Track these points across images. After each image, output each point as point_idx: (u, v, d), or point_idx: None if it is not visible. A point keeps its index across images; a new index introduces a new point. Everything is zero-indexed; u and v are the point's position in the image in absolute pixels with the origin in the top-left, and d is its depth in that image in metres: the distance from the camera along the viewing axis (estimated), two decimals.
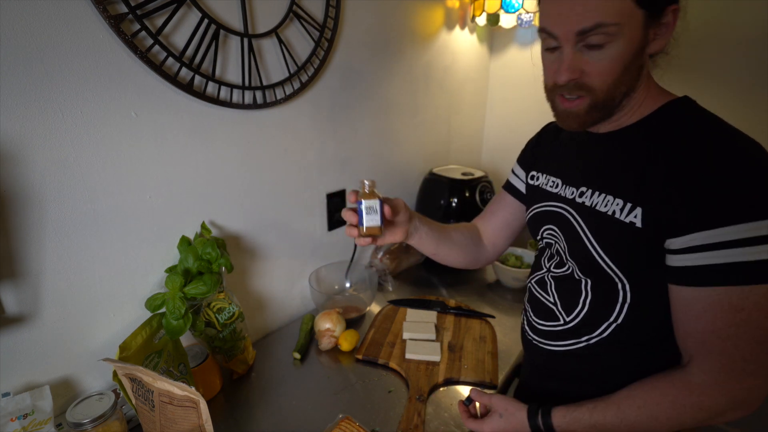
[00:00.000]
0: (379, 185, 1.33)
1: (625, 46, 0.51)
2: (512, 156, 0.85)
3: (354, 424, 0.73)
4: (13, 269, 0.65)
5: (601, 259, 0.61)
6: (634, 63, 0.53)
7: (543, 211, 0.73)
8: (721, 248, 0.49)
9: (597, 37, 0.51)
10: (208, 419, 0.59)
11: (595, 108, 0.56)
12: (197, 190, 0.87)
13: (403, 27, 1.26)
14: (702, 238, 0.50)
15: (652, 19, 0.52)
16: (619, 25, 0.50)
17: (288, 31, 0.94)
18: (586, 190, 0.64)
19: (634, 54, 0.52)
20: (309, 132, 1.06)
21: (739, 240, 0.48)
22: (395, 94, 1.30)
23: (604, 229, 0.60)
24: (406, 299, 1.20)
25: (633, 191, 0.57)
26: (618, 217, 0.58)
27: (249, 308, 1.04)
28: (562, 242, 0.68)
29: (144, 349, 0.71)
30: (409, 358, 0.95)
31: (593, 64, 0.53)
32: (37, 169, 0.65)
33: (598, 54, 0.52)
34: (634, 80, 0.55)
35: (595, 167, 0.64)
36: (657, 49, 0.54)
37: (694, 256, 0.51)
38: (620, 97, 0.56)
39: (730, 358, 0.51)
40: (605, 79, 0.53)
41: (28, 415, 0.65)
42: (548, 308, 0.72)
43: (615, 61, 0.52)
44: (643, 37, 0.52)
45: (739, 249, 0.48)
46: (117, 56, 0.70)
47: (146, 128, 0.76)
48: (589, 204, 0.63)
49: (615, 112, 0.59)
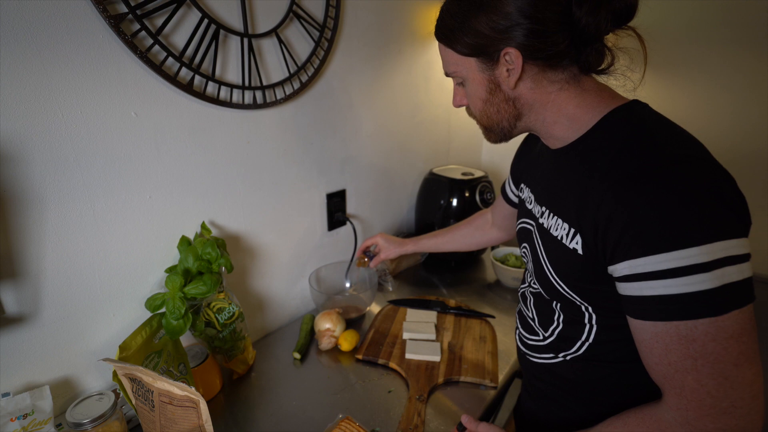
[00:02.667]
0: (379, 185, 1.34)
1: (474, 85, 0.60)
2: (512, 156, 0.85)
3: (354, 424, 0.73)
4: (13, 269, 0.65)
5: (557, 283, 0.61)
6: (492, 98, 0.59)
7: (521, 227, 0.74)
8: (654, 278, 0.46)
9: (455, 78, 0.63)
10: (208, 419, 0.59)
11: (487, 130, 0.65)
12: (197, 190, 0.87)
13: (403, 27, 1.26)
14: (632, 266, 0.48)
15: (489, 63, 0.57)
16: (456, 72, 0.61)
17: (288, 31, 0.94)
18: (545, 210, 0.64)
19: (487, 91, 0.59)
20: (309, 132, 1.06)
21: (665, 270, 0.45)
22: (395, 94, 1.30)
23: (556, 253, 0.60)
24: (406, 299, 1.20)
25: (574, 216, 0.56)
26: (564, 242, 0.57)
27: (249, 308, 1.04)
28: (531, 262, 0.68)
29: (144, 349, 0.71)
30: (409, 358, 0.95)
31: (467, 96, 0.64)
32: (37, 169, 0.65)
33: (465, 89, 0.63)
34: (509, 110, 0.60)
35: (550, 187, 0.64)
36: (512, 84, 0.56)
37: (633, 285, 0.49)
38: (503, 123, 0.61)
39: (696, 393, 0.47)
40: (475, 109, 0.63)
41: (28, 415, 0.65)
42: (528, 323, 0.72)
43: (473, 96, 0.62)
44: (488, 78, 0.58)
45: (668, 280, 0.45)
46: (117, 56, 0.70)
47: (146, 128, 0.76)
48: (546, 226, 0.63)
49: (515, 132, 0.63)
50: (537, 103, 0.59)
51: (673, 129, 0.52)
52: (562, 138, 0.60)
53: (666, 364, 0.48)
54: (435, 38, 0.63)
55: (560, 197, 0.60)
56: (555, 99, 0.58)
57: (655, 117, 0.54)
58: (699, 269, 0.43)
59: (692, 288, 0.44)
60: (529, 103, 0.59)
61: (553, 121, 0.59)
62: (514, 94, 0.58)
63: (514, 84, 0.57)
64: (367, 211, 1.33)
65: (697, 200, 0.44)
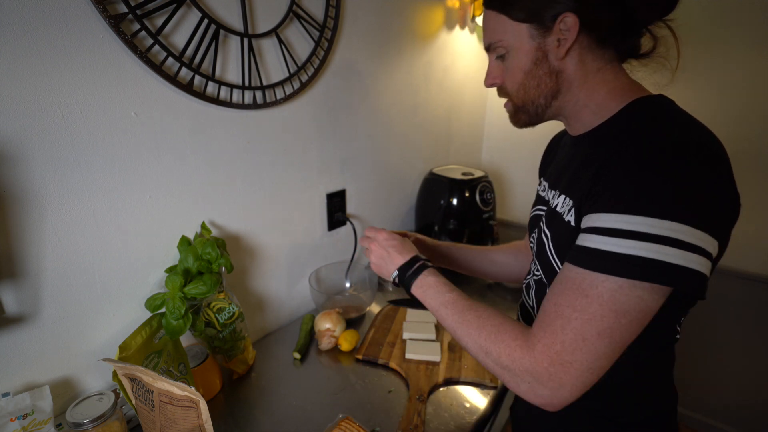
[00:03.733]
0: (379, 185, 1.34)
1: (520, 56, 0.59)
2: (512, 156, 0.86)
3: (354, 424, 0.73)
4: (13, 269, 0.65)
5: (554, 261, 0.61)
6: (536, 70, 0.59)
7: (533, 215, 0.74)
8: (599, 233, 0.48)
9: (498, 50, 0.61)
10: (208, 419, 0.59)
11: (518, 110, 0.64)
12: (197, 190, 0.87)
13: (403, 27, 1.26)
14: (586, 221, 0.51)
15: (542, 30, 0.56)
16: (503, 40, 0.59)
17: (288, 31, 0.94)
18: (556, 192, 0.65)
19: (532, 62, 0.58)
20: (309, 132, 1.06)
21: (608, 229, 0.47)
22: (395, 94, 1.30)
23: (555, 228, 0.62)
24: (406, 299, 1.20)
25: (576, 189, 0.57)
26: (564, 217, 0.59)
27: (249, 308, 1.04)
28: (536, 244, 0.69)
29: (144, 349, 0.71)
30: (409, 358, 0.95)
31: (505, 71, 0.62)
32: (37, 169, 0.65)
33: (506, 63, 0.61)
34: (549, 85, 0.59)
35: (564, 170, 0.65)
36: (561, 55, 0.56)
37: (582, 236, 0.51)
38: (539, 100, 0.61)
39: (554, 336, 0.50)
40: (512, 84, 0.62)
41: (27, 415, 0.65)
42: (528, 312, 0.73)
43: (515, 69, 0.60)
44: (537, 46, 0.57)
45: (603, 237, 0.47)
46: (117, 56, 0.70)
47: (146, 128, 0.76)
48: (553, 205, 0.64)
49: (548, 113, 0.63)
50: (576, 82, 0.59)
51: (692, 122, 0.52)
52: (586, 123, 0.61)
53: (552, 303, 0.51)
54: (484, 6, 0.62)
55: (570, 177, 0.61)
56: (592, 80, 0.59)
57: (677, 110, 0.54)
58: (638, 237, 0.45)
59: (621, 249, 0.46)
60: (570, 79, 0.59)
61: (584, 105, 0.60)
62: (558, 67, 0.58)
63: (564, 53, 0.57)
64: (367, 211, 1.33)
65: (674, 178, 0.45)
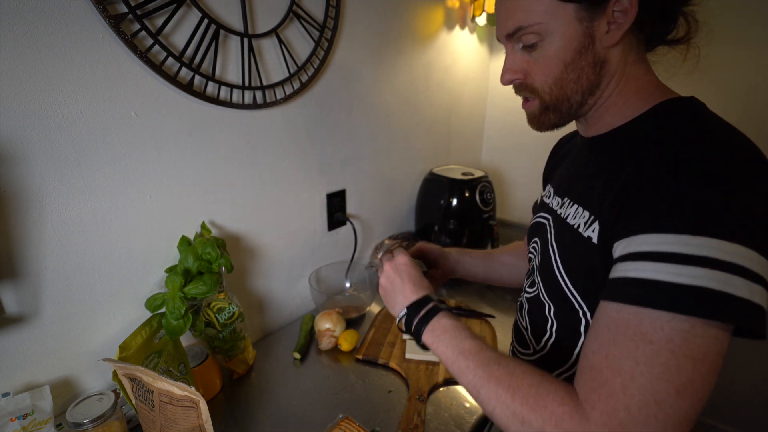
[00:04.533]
0: (379, 185, 1.34)
1: (561, 43, 0.49)
2: (512, 156, 0.85)
3: (354, 424, 0.73)
4: (13, 269, 0.65)
5: (561, 277, 0.55)
6: (579, 60, 0.49)
7: (534, 222, 0.68)
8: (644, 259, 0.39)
9: (527, 37, 0.50)
10: (208, 419, 0.59)
11: (547, 109, 0.54)
12: (197, 190, 0.87)
13: (403, 27, 1.26)
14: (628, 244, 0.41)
15: (592, 12, 0.47)
16: (541, 24, 0.48)
17: (288, 31, 0.94)
18: (565, 200, 0.58)
19: (576, 50, 0.49)
20: (309, 132, 1.06)
21: (662, 253, 0.38)
22: (395, 94, 1.30)
23: (567, 243, 0.54)
24: None
25: (597, 201, 0.49)
26: (580, 230, 0.51)
27: (249, 308, 1.04)
28: (538, 257, 0.62)
29: (144, 349, 0.71)
30: (409, 358, 0.95)
31: (533, 64, 0.52)
32: (37, 169, 0.65)
33: (536, 53, 0.51)
34: (590, 78, 0.50)
35: (576, 175, 0.59)
36: (612, 41, 0.48)
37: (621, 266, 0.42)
38: (575, 97, 0.52)
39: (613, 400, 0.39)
40: (545, 79, 0.52)
41: (28, 415, 0.64)
42: (522, 334, 0.68)
43: (551, 59, 0.50)
44: (584, 31, 0.48)
45: (657, 264, 0.38)
46: (117, 56, 0.70)
47: (146, 128, 0.76)
48: (563, 215, 0.57)
49: (579, 112, 0.54)
50: (616, 74, 0.51)
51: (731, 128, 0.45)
52: (608, 123, 0.54)
53: (602, 356, 0.41)
54: None
55: (585, 185, 0.54)
56: (628, 72, 0.51)
57: (711, 114, 0.47)
58: (704, 263, 0.36)
59: (685, 280, 0.37)
60: (612, 71, 0.50)
61: (612, 102, 0.52)
62: (604, 56, 0.49)
63: (618, 39, 0.48)
64: (367, 211, 1.33)
65: (734, 191, 0.37)
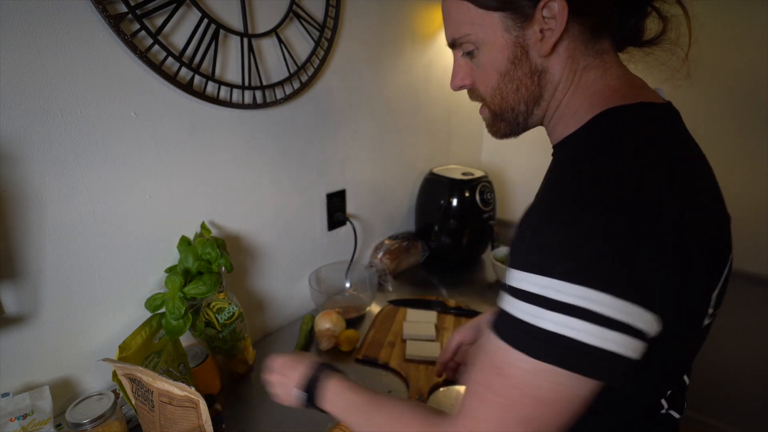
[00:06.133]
0: (379, 185, 1.34)
1: (492, 52, 0.48)
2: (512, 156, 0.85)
3: None
4: (13, 269, 0.65)
5: None
6: (514, 70, 0.48)
7: None
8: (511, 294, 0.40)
9: (465, 45, 0.50)
10: (208, 419, 0.59)
11: (496, 118, 0.53)
12: (197, 190, 0.87)
13: (403, 27, 1.26)
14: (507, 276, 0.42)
15: (519, 20, 0.45)
16: (470, 35, 0.48)
17: (288, 30, 0.94)
18: None
19: (509, 60, 0.47)
20: (309, 132, 1.06)
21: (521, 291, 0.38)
22: (395, 94, 1.30)
23: None
24: (406, 299, 1.20)
25: None
26: None
27: (249, 308, 1.03)
28: None
29: (144, 349, 0.71)
30: (409, 358, 0.95)
31: (476, 71, 0.51)
32: (37, 169, 0.65)
33: (475, 61, 0.50)
34: (530, 88, 0.49)
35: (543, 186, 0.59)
36: (546, 50, 0.46)
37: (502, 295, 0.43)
38: (520, 107, 0.50)
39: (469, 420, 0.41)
40: (486, 88, 0.51)
41: (27, 416, 0.64)
42: None
43: (487, 69, 0.49)
44: (514, 40, 0.46)
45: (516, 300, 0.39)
46: (117, 56, 0.70)
47: (146, 128, 0.76)
48: None
49: (531, 122, 0.53)
50: (561, 83, 0.48)
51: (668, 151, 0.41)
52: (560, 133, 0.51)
53: (472, 379, 0.43)
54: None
55: None
56: (578, 80, 0.48)
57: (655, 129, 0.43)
58: (542, 303, 0.36)
59: (535, 321, 0.37)
60: (555, 81, 0.48)
61: (563, 112, 0.50)
62: (542, 66, 0.47)
63: (550, 49, 0.45)
64: (367, 211, 1.33)
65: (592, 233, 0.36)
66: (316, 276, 1.16)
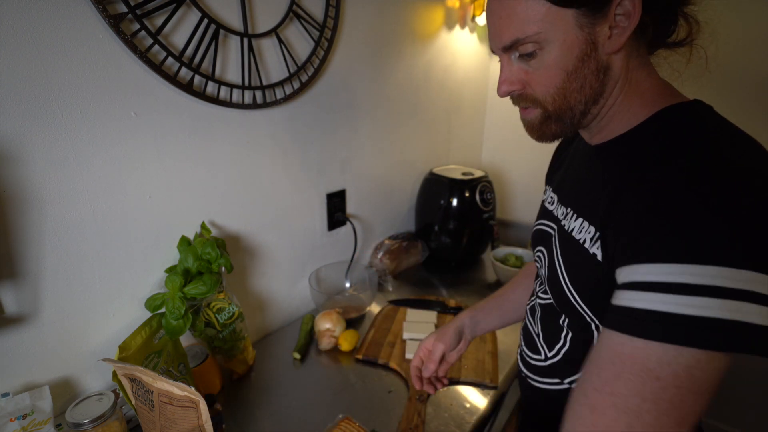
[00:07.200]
0: (379, 185, 1.34)
1: (561, 51, 0.46)
2: (512, 156, 0.85)
3: (354, 424, 0.73)
4: (13, 269, 0.65)
5: (570, 293, 0.53)
6: (581, 68, 0.47)
7: (537, 229, 0.67)
8: (654, 290, 0.38)
9: (525, 46, 0.48)
10: (208, 419, 0.59)
11: (549, 119, 0.52)
12: (197, 190, 0.87)
13: (403, 27, 1.26)
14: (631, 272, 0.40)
15: (593, 16, 0.45)
16: (540, 33, 0.46)
17: (288, 30, 0.94)
18: (569, 212, 0.56)
19: (578, 58, 0.47)
20: (309, 132, 1.06)
21: (677, 284, 0.36)
22: (395, 94, 1.30)
23: (574, 259, 0.53)
24: (406, 299, 1.20)
25: (600, 216, 0.48)
26: (586, 246, 0.50)
27: (249, 308, 1.04)
28: (545, 267, 0.61)
29: (144, 349, 0.71)
30: (409, 358, 0.95)
31: (532, 73, 0.50)
32: (37, 169, 0.65)
33: (535, 63, 0.49)
34: (594, 86, 0.48)
35: (578, 186, 0.57)
36: (616, 47, 0.46)
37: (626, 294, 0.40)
38: (579, 106, 0.50)
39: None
40: (546, 88, 0.49)
41: (27, 416, 0.64)
42: (533, 339, 0.65)
43: (552, 68, 0.48)
44: (586, 38, 0.46)
45: (669, 295, 0.37)
46: (116, 56, 0.70)
47: (146, 128, 0.76)
48: (568, 228, 0.55)
49: (583, 123, 0.52)
50: (620, 81, 0.49)
51: (739, 136, 0.43)
52: (612, 131, 0.52)
53: (607, 393, 0.39)
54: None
55: (589, 197, 0.52)
56: (631, 78, 0.49)
57: (719, 120, 0.45)
58: (712, 293, 0.35)
59: (695, 311, 0.35)
60: (615, 78, 0.48)
61: (617, 110, 0.50)
62: (607, 63, 0.47)
63: (621, 44, 0.45)
64: (367, 211, 1.33)
65: (738, 217, 0.36)
66: (316, 276, 1.16)
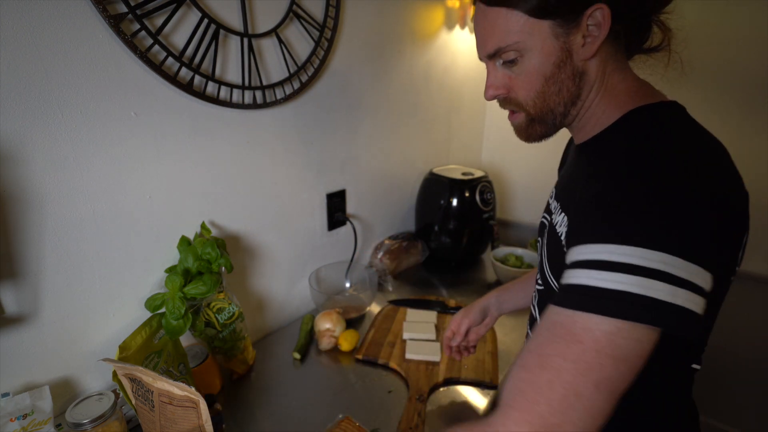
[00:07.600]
0: (379, 185, 1.34)
1: (539, 58, 0.51)
2: (512, 156, 0.85)
3: (354, 424, 0.73)
4: (13, 269, 0.65)
5: (552, 282, 0.57)
6: (558, 73, 0.52)
7: (540, 221, 0.71)
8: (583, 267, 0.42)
9: (507, 54, 0.52)
10: (208, 419, 0.59)
11: (533, 121, 0.56)
12: (197, 190, 0.87)
13: (403, 27, 1.26)
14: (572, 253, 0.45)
15: (567, 27, 0.49)
16: (519, 42, 0.51)
17: (288, 30, 0.94)
18: (557, 205, 0.60)
19: (554, 64, 0.51)
20: (309, 132, 1.06)
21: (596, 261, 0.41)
22: (395, 94, 1.30)
23: (554, 250, 0.57)
24: (406, 299, 1.20)
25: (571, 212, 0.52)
26: (561, 237, 0.54)
27: (249, 308, 1.04)
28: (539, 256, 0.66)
29: (144, 349, 0.71)
30: (409, 358, 0.95)
31: (515, 78, 0.54)
32: (37, 169, 0.65)
33: (517, 69, 0.53)
34: (571, 90, 0.53)
35: (565, 182, 0.61)
36: (589, 54, 0.50)
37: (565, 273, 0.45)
38: (559, 108, 0.54)
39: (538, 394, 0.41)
40: (528, 92, 0.54)
41: (27, 416, 0.64)
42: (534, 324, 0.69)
43: (532, 74, 0.52)
44: (561, 46, 0.50)
45: (591, 271, 0.42)
46: (117, 56, 0.70)
47: (146, 128, 0.76)
48: (554, 222, 0.59)
49: (564, 122, 0.57)
50: (595, 84, 0.53)
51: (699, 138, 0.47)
52: (589, 131, 0.56)
53: (537, 354, 0.44)
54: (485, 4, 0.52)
55: (569, 193, 0.56)
56: (607, 82, 0.53)
57: (682, 122, 0.49)
58: (625, 269, 0.40)
59: (610, 285, 0.40)
60: (591, 82, 0.53)
61: (593, 111, 0.54)
62: (582, 68, 0.52)
63: (594, 52, 0.50)
64: (367, 211, 1.33)
65: (660, 205, 0.40)
66: (316, 276, 1.16)
